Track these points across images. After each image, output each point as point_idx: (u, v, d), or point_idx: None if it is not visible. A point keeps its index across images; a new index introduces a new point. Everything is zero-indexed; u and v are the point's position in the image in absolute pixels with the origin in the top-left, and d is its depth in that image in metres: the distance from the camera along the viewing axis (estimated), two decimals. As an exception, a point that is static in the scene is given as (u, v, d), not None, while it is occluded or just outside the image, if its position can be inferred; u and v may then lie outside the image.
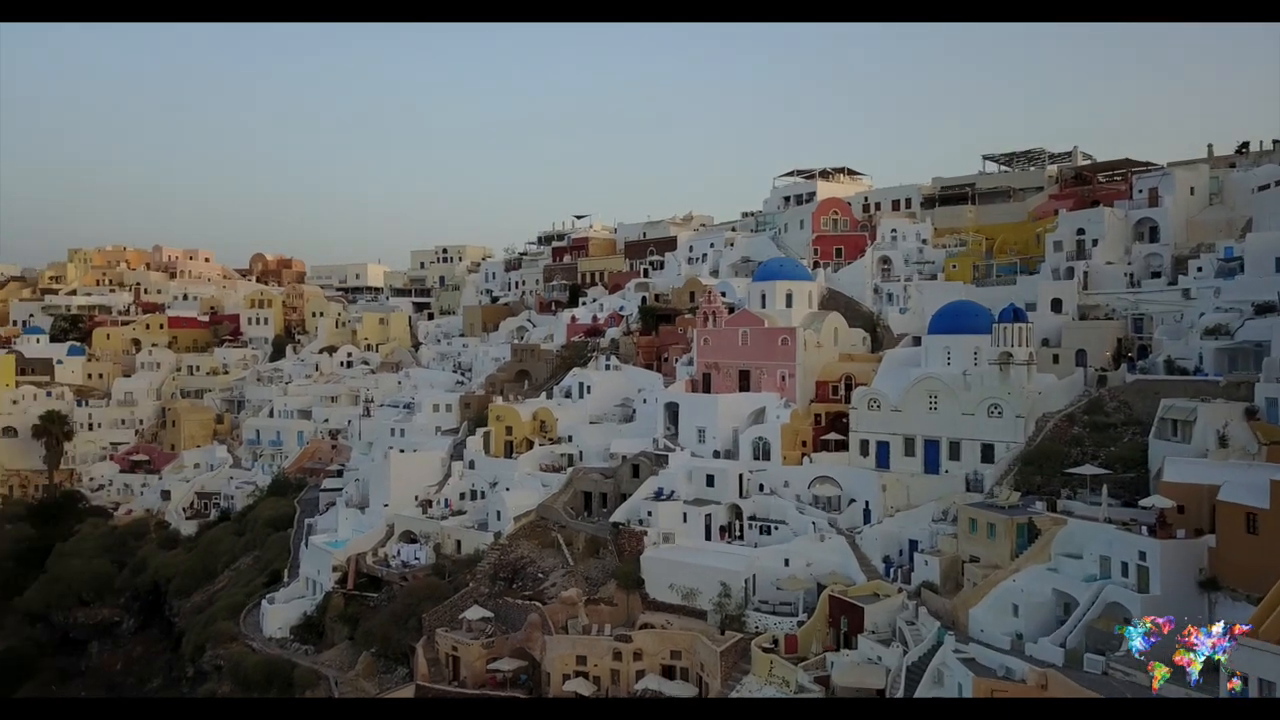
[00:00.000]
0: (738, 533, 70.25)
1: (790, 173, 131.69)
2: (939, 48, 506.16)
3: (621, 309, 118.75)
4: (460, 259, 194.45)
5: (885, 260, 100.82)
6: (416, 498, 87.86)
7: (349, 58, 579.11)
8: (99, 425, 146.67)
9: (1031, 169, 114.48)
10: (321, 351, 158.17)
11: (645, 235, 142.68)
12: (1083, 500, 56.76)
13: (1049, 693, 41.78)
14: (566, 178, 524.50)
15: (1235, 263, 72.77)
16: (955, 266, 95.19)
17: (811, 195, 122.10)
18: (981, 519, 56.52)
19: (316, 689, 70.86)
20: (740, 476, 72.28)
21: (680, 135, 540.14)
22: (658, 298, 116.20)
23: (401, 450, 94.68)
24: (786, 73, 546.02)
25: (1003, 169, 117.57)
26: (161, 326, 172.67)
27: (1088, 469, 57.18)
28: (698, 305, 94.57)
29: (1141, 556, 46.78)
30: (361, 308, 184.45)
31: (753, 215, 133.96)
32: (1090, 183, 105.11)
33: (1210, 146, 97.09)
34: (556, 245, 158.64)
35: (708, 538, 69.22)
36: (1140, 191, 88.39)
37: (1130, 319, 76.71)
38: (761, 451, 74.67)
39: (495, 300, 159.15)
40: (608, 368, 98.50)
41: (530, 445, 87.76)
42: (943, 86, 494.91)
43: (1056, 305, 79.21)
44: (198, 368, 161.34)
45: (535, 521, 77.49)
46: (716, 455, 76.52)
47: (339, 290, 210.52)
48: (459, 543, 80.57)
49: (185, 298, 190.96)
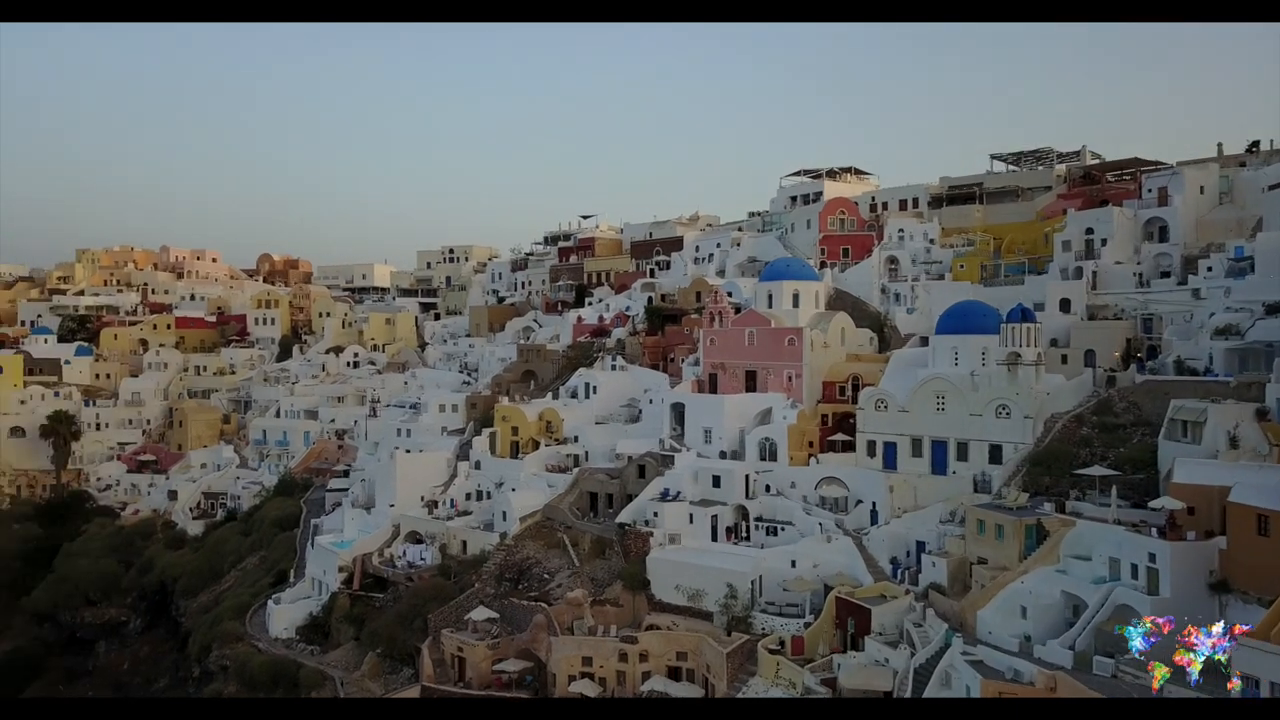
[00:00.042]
0: (744, 534, 70.10)
1: (797, 172, 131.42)
2: (946, 47, 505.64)
3: (627, 309, 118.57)
4: (466, 259, 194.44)
5: (892, 260, 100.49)
6: (422, 498, 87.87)
7: (356, 58, 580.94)
8: (106, 425, 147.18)
9: (1040, 168, 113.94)
10: (328, 352, 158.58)
11: (651, 235, 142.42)
12: (1092, 501, 56.47)
13: (1058, 695, 41.49)
14: (573, 178, 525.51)
15: (1245, 262, 72.29)
16: (963, 266, 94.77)
17: (818, 195, 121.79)
18: (989, 520, 56.28)
19: (322, 689, 70.80)
20: (746, 477, 72.13)
21: (686, 135, 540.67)
22: (664, 298, 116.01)
23: (407, 450, 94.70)
24: (793, 73, 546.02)
25: (1011, 168, 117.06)
26: (169, 327, 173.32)
27: (1097, 470, 56.83)
28: (704, 305, 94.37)
29: (1151, 558, 46.54)
30: (368, 308, 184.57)
31: (759, 215, 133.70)
32: (1099, 182, 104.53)
33: (1220, 145, 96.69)
34: (563, 245, 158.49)
35: (714, 539, 69.11)
36: (1149, 191, 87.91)
37: (1139, 319, 76.23)
38: (768, 452, 74.47)
39: (501, 300, 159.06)
40: (614, 368, 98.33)
41: (536, 446, 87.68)
42: (950, 86, 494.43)
43: (1065, 305, 78.72)
44: (205, 368, 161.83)
45: (541, 522, 77.42)
46: (723, 456, 76.34)
47: (345, 290, 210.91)
48: (465, 543, 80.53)
49: (192, 298, 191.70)
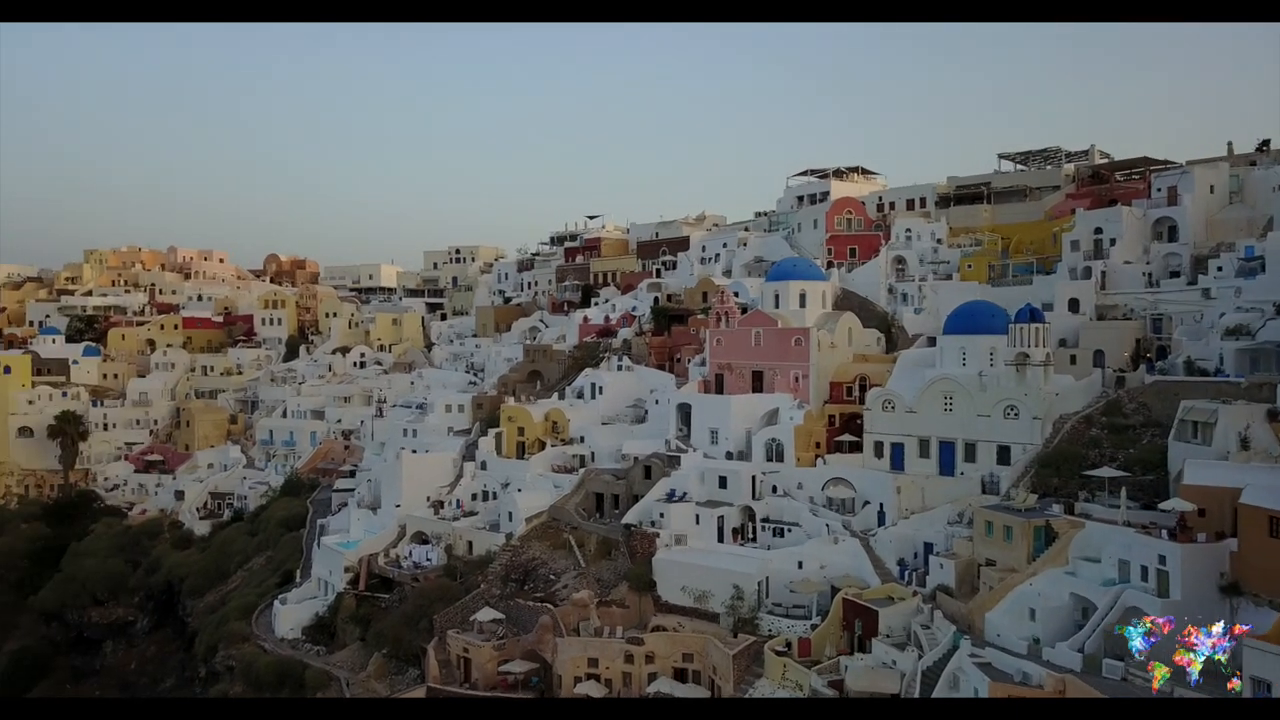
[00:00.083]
0: (750, 535, 69.76)
1: (804, 172, 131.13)
2: (954, 47, 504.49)
3: (634, 309, 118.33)
4: (473, 259, 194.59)
5: (900, 260, 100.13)
6: (428, 498, 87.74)
7: (363, 59, 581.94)
8: (114, 425, 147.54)
9: (1048, 168, 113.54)
10: (335, 352, 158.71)
11: (658, 235, 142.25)
12: (1101, 503, 56.13)
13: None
14: (579, 179, 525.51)
15: (1256, 262, 71.91)
16: (971, 266, 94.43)
17: (825, 195, 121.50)
18: (998, 521, 55.94)
19: (328, 690, 70.71)
20: (753, 478, 71.85)
21: (693, 135, 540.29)
22: (670, 298, 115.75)
23: (414, 451, 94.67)
24: (800, 72, 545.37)
25: (1019, 168, 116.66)
26: (176, 327, 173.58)
27: (1106, 471, 56.50)
28: (710, 305, 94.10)
29: (1161, 560, 46.18)
30: (375, 308, 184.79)
31: (766, 215, 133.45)
32: (1108, 181, 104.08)
33: (1230, 144, 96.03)
34: (569, 245, 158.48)
35: (720, 540, 68.79)
36: (1159, 190, 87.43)
37: (1149, 319, 75.85)
38: (774, 453, 74.18)
39: (508, 301, 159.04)
40: (620, 368, 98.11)
41: (542, 446, 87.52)
42: (958, 85, 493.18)
43: (1074, 305, 78.37)
44: (212, 368, 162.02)
45: (547, 523, 77.16)
46: (729, 456, 76.06)
47: (352, 291, 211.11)
48: (470, 544, 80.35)
49: (200, 298, 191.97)
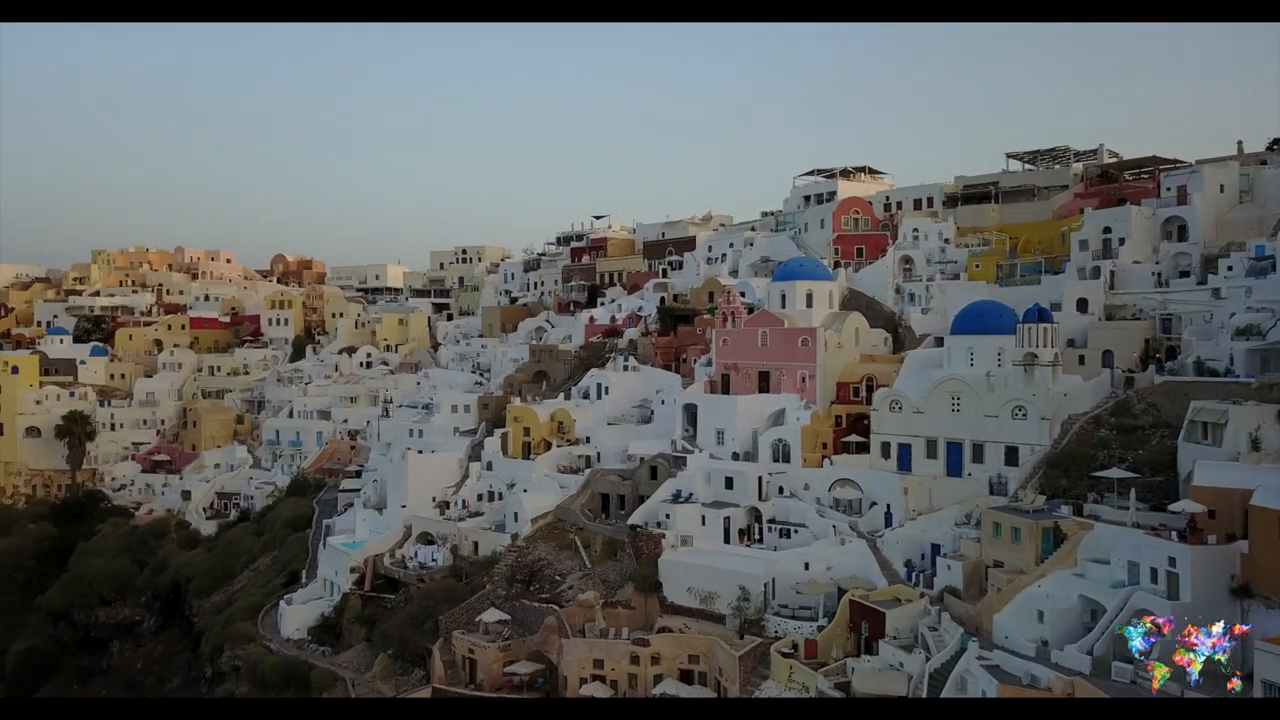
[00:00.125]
0: (757, 536, 69.50)
1: (810, 172, 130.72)
2: (961, 46, 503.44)
3: (640, 309, 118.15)
4: (479, 260, 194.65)
5: (907, 260, 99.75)
6: (434, 499, 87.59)
7: (370, 59, 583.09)
8: (121, 425, 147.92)
9: (1056, 167, 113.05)
10: (341, 352, 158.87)
11: (664, 235, 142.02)
12: (1110, 504, 55.72)
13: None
14: (585, 178, 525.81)
15: (1267, 261, 71.41)
16: (978, 266, 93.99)
17: (832, 194, 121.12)
18: (1006, 523, 55.58)
19: (333, 691, 70.64)
20: (759, 479, 71.53)
21: (700, 135, 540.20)
22: (676, 298, 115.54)
23: (419, 451, 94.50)
24: (807, 72, 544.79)
25: (1027, 167, 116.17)
26: (183, 327, 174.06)
27: (1115, 472, 56.03)
28: (717, 305, 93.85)
29: (1171, 562, 45.80)
30: (381, 308, 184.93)
31: (772, 215, 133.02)
32: (1116, 181, 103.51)
33: (1240, 143, 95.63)
34: (575, 246, 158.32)
35: (726, 540, 68.49)
36: (1168, 189, 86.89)
37: (1158, 319, 75.34)
38: (781, 453, 73.88)
39: (514, 301, 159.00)
40: (626, 368, 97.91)
41: (548, 446, 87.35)
42: (965, 85, 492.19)
43: (1082, 305, 77.84)
44: (219, 368, 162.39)
45: (553, 523, 77.03)
46: (735, 457, 75.79)
47: (359, 291, 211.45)
48: (476, 544, 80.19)
49: (206, 298, 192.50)
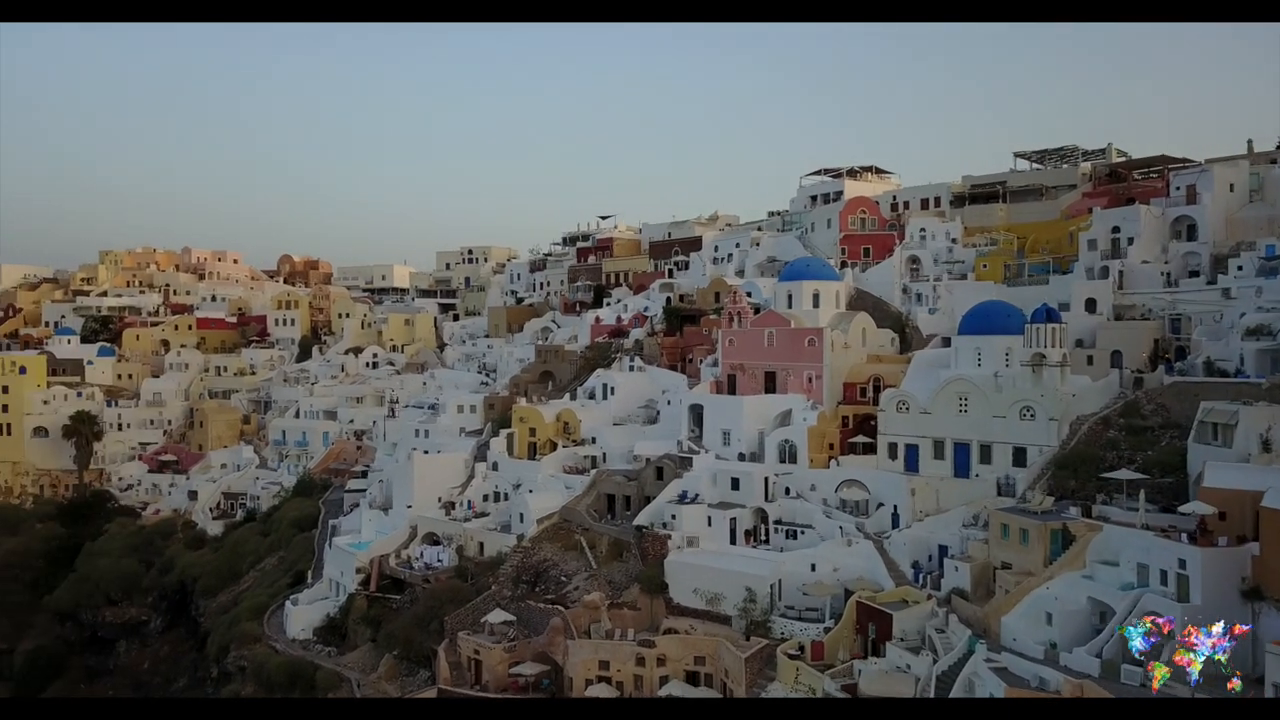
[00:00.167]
0: (763, 537, 69.22)
1: (817, 171, 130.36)
2: (969, 45, 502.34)
3: (646, 309, 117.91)
4: (485, 260, 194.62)
5: (914, 260, 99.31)
6: (440, 499, 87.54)
7: (377, 59, 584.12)
8: (128, 425, 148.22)
9: (1064, 166, 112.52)
10: (347, 352, 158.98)
11: (670, 235, 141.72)
12: (1119, 506, 55.43)
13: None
14: (592, 179, 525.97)
15: (1277, 261, 71.11)
16: (986, 266, 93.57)
17: (839, 194, 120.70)
18: (1014, 524, 55.27)
19: (339, 691, 70.58)
20: (766, 480, 71.29)
21: (706, 135, 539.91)
22: (682, 298, 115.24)
23: (425, 451, 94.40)
24: (814, 72, 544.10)
25: (1035, 166, 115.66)
26: (190, 327, 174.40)
27: (1124, 473, 55.71)
28: (723, 305, 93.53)
29: (1181, 564, 45.50)
30: (387, 309, 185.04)
31: (779, 214, 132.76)
32: (1125, 180, 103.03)
33: (1250, 142, 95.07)
34: (581, 246, 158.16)
35: (732, 542, 68.26)
36: (1177, 188, 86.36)
37: (1167, 319, 74.91)
38: (787, 454, 73.62)
39: (520, 301, 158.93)
40: (632, 369, 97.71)
41: (553, 447, 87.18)
42: (973, 84, 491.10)
43: (1091, 305, 77.47)
44: (225, 368, 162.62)
45: (558, 524, 76.82)
46: (741, 458, 75.52)
47: (365, 291, 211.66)
48: (482, 545, 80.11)
49: (213, 299, 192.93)
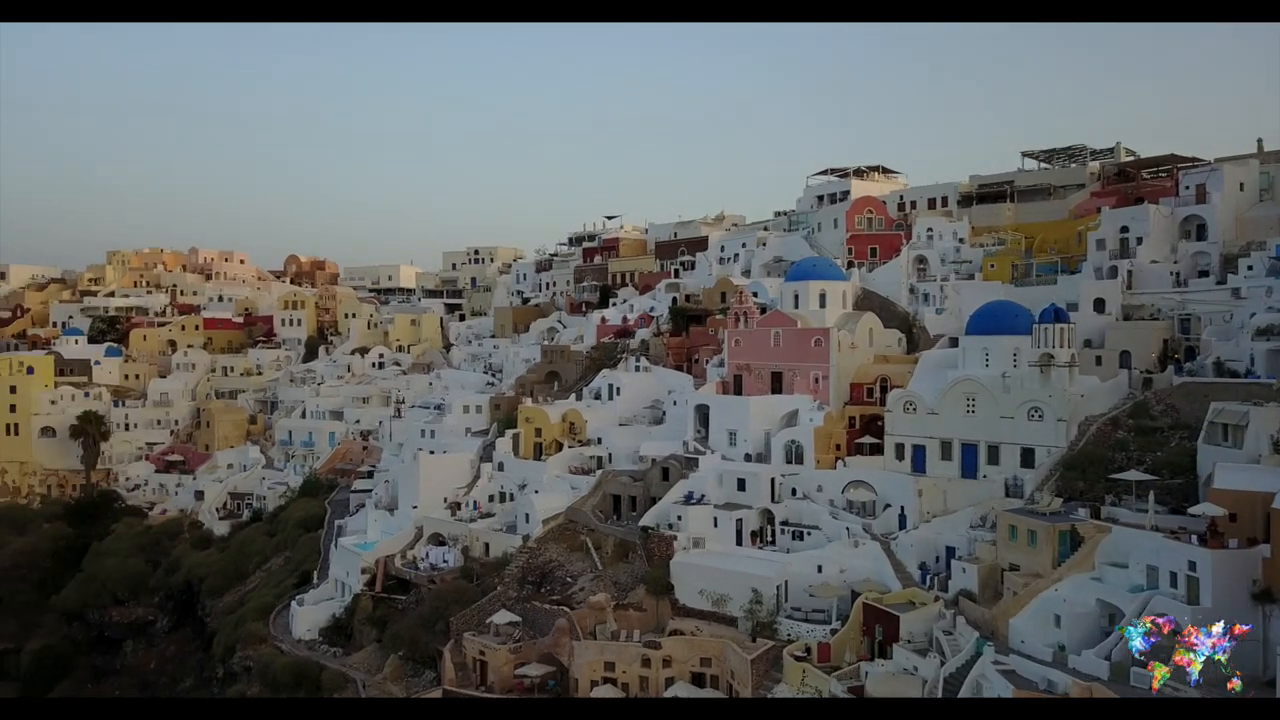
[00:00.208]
0: (769, 538, 68.97)
1: (824, 171, 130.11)
2: (976, 44, 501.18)
3: (652, 310, 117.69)
4: (491, 260, 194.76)
5: (921, 260, 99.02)
6: (445, 500, 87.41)
7: (383, 60, 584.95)
8: (135, 425, 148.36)
9: (1072, 166, 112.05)
10: (353, 352, 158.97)
11: (676, 235, 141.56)
12: (1128, 507, 55.12)
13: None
14: (597, 179, 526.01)
15: (1288, 261, 70.48)
16: (993, 266, 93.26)
17: (845, 194, 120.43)
18: (1022, 526, 55.02)
19: (344, 692, 70.51)
20: (772, 480, 71.01)
21: (712, 135, 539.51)
22: (688, 298, 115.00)
23: (431, 452, 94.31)
24: (820, 71, 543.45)
25: (1043, 166, 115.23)
26: (197, 328, 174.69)
27: (1133, 475, 55.40)
28: (729, 306, 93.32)
29: (1191, 566, 45.29)
30: (393, 309, 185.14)
31: (785, 214, 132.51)
32: (1134, 179, 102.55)
33: (1260, 141, 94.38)
34: (587, 246, 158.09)
35: (739, 543, 68.01)
36: (1187, 188, 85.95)
37: (1177, 319, 74.58)
38: (794, 455, 73.36)
39: (526, 301, 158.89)
40: (637, 369, 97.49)
41: (559, 447, 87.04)
42: (980, 83, 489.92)
43: (1099, 305, 77.09)
44: (232, 369, 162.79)
45: (564, 524, 76.66)
46: (748, 458, 75.28)
47: (371, 291, 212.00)
48: (487, 545, 79.92)
49: (220, 299, 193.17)
